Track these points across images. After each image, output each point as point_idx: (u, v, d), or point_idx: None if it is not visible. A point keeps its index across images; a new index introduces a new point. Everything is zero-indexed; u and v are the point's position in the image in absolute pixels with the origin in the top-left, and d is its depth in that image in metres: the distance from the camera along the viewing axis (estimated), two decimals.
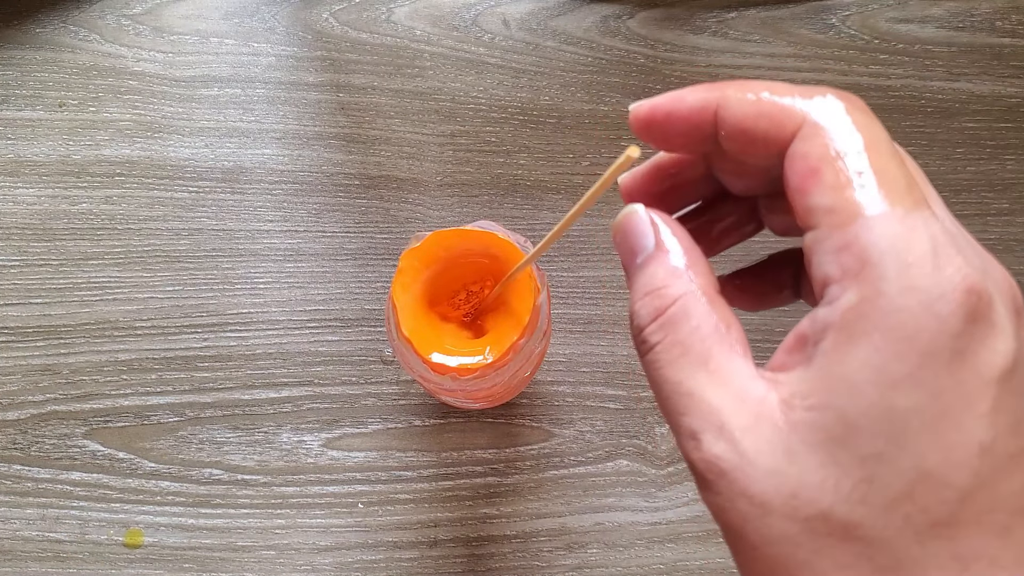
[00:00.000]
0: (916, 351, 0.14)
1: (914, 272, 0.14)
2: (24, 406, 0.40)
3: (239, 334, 0.41)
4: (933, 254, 0.14)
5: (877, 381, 0.14)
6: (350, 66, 0.45)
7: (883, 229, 0.14)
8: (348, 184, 0.43)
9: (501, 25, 0.46)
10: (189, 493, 0.39)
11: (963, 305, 0.14)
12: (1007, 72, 0.46)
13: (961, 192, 0.44)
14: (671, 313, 0.17)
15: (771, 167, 0.17)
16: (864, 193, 0.15)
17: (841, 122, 0.16)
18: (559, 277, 0.42)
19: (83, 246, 0.42)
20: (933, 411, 0.14)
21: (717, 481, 0.15)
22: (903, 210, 0.14)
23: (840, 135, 0.15)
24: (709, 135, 0.18)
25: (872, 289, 0.14)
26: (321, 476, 0.39)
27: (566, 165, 0.44)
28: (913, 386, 0.14)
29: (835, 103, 0.16)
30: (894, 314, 0.14)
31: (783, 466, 0.14)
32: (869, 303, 0.14)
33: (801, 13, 0.46)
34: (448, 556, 0.39)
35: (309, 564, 0.38)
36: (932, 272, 0.14)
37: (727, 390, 0.15)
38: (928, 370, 0.14)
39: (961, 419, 0.14)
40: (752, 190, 0.20)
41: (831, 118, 0.16)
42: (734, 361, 0.16)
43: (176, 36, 0.45)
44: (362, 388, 0.41)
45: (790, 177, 0.16)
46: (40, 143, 0.44)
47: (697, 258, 0.17)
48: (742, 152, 0.17)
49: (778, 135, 0.16)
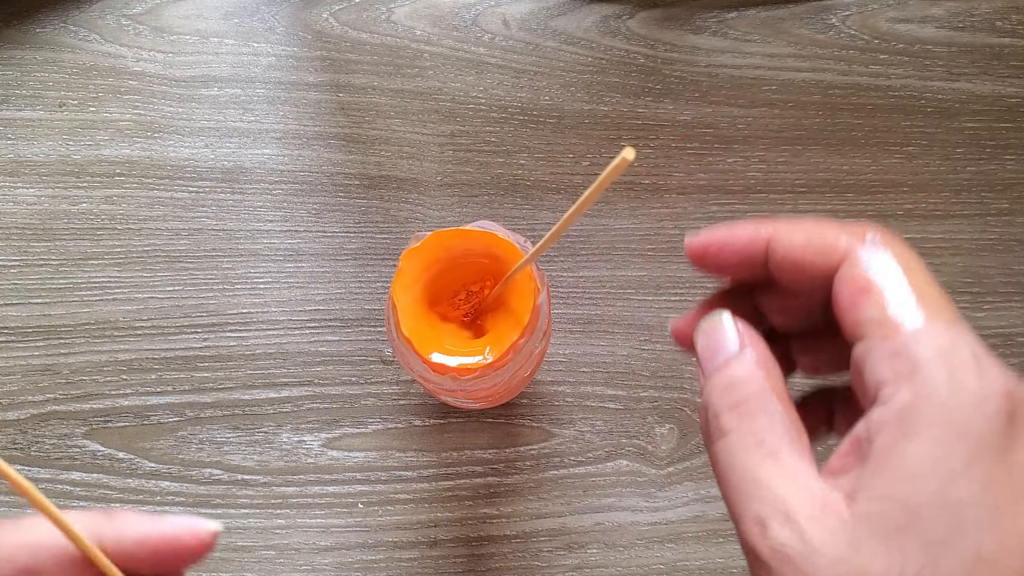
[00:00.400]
0: (969, 446, 0.15)
1: (961, 376, 0.16)
2: (24, 406, 0.40)
3: (239, 334, 0.41)
4: (975, 361, 0.16)
5: (936, 472, 0.15)
6: (350, 66, 0.45)
7: (929, 339, 0.16)
8: (348, 184, 0.43)
9: (501, 25, 0.46)
10: (189, 493, 0.39)
11: (1005, 407, 0.15)
12: (1007, 72, 0.46)
13: (961, 192, 0.44)
14: (750, 405, 0.18)
15: (813, 304, 0.20)
16: (908, 309, 0.17)
17: (883, 251, 0.18)
18: (559, 277, 0.42)
19: (83, 246, 0.42)
20: (988, 500, 0.15)
21: (781, 568, 0.16)
22: (944, 324, 0.16)
23: (883, 262, 0.18)
24: (759, 264, 0.20)
25: (925, 389, 0.16)
26: (321, 476, 0.39)
27: (566, 165, 0.44)
28: (969, 477, 0.15)
29: (876, 235, 0.18)
30: (947, 412, 0.15)
31: (848, 555, 0.15)
32: (923, 401, 0.16)
33: (801, 13, 0.46)
34: (448, 556, 0.39)
35: (309, 564, 0.38)
36: (977, 377, 0.16)
37: (795, 483, 0.17)
38: (980, 463, 0.15)
39: (1014, 508, 0.15)
40: (791, 326, 0.22)
41: (873, 247, 0.18)
42: (803, 460, 0.17)
43: (176, 36, 0.45)
44: (362, 388, 0.41)
45: (840, 296, 0.18)
46: (40, 143, 0.44)
47: (774, 367, 0.19)
48: (791, 280, 0.20)
49: (825, 263, 0.19)
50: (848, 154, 0.44)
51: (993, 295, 0.43)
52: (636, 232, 0.43)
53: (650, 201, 0.44)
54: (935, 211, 0.44)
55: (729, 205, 0.44)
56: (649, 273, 0.43)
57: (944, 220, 0.44)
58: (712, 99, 0.45)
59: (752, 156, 0.44)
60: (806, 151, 0.44)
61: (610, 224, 0.43)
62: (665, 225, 0.43)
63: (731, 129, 0.45)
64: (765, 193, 0.44)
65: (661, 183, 0.44)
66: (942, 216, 0.44)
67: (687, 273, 0.43)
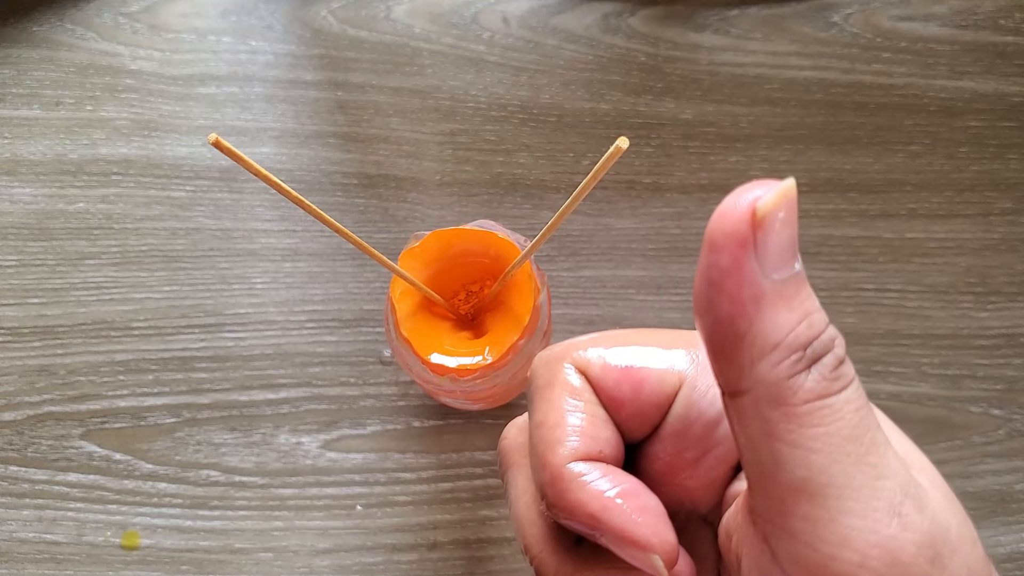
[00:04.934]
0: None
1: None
2: (20, 407, 0.40)
3: (236, 334, 0.41)
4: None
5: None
6: (348, 64, 0.45)
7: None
8: (346, 183, 0.43)
9: (501, 23, 0.46)
10: (186, 495, 0.39)
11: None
12: (1010, 71, 0.46)
13: (964, 191, 0.44)
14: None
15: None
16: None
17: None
18: (559, 277, 0.42)
19: (80, 246, 0.42)
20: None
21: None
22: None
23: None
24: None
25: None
26: (319, 478, 0.39)
27: (566, 164, 0.44)
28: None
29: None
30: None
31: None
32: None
33: (803, 11, 0.46)
34: (447, 558, 0.38)
35: (307, 566, 0.38)
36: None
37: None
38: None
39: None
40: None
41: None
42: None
43: (173, 34, 0.45)
44: (360, 389, 0.40)
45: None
46: (37, 142, 0.43)
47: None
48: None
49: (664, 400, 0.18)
50: (851, 153, 0.44)
51: (997, 295, 0.42)
52: (637, 232, 0.43)
53: (651, 200, 0.43)
54: (938, 210, 0.43)
55: None
56: (650, 273, 0.42)
57: (947, 219, 0.43)
58: (714, 97, 0.45)
59: (754, 155, 0.44)
60: (808, 150, 0.44)
61: (611, 224, 0.43)
62: (667, 225, 0.43)
63: (733, 128, 0.44)
64: None
65: (663, 182, 0.43)
66: (945, 215, 0.43)
67: (688, 273, 0.42)
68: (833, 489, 0.13)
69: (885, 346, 0.41)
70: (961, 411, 0.41)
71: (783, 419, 0.13)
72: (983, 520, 0.39)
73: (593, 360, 0.18)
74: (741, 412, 0.14)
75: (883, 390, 0.41)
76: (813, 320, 0.13)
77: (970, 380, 0.41)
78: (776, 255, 0.13)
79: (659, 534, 0.16)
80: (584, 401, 0.18)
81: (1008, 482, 0.40)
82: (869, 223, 0.43)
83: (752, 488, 0.15)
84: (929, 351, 0.41)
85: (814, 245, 0.43)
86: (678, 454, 0.18)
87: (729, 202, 0.13)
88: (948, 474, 0.16)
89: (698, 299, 0.13)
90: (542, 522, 0.18)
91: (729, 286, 0.13)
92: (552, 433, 0.17)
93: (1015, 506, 0.39)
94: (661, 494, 0.18)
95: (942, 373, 0.41)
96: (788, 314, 0.13)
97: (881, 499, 0.13)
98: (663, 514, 0.16)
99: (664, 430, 0.18)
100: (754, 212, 0.13)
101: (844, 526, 0.13)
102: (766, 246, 0.13)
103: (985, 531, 0.39)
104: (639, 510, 0.16)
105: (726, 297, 0.13)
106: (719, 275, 0.13)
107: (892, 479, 0.13)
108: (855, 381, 0.14)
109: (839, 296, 0.42)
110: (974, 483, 0.40)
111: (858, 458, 0.13)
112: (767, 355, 0.13)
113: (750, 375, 0.13)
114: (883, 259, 0.43)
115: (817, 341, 0.13)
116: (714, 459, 0.17)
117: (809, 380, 0.13)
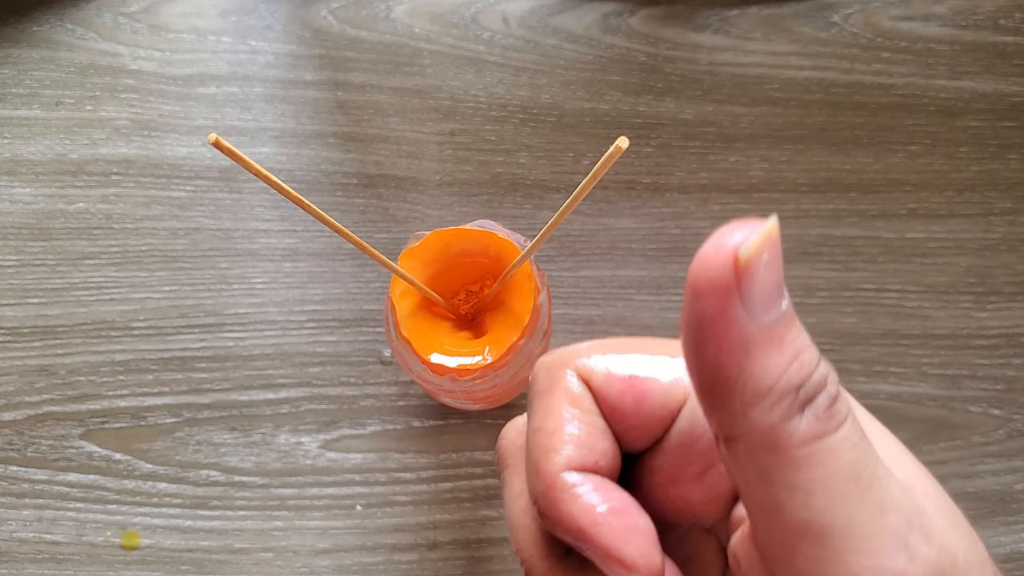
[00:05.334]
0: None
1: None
2: (20, 407, 0.40)
3: (236, 334, 0.41)
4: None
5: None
6: (348, 64, 0.45)
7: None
8: (346, 183, 0.43)
9: (501, 23, 0.46)
10: (186, 495, 0.39)
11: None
12: (1010, 71, 0.46)
13: (964, 191, 0.44)
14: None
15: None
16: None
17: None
18: (559, 277, 0.42)
19: (80, 246, 0.42)
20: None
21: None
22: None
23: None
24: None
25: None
26: (319, 478, 0.39)
27: (566, 164, 0.44)
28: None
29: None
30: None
31: None
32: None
33: (803, 11, 0.46)
34: (447, 558, 0.38)
35: (307, 566, 0.38)
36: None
37: None
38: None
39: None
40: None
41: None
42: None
43: (173, 34, 0.45)
44: (360, 389, 0.40)
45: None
46: (37, 142, 0.43)
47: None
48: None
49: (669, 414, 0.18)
50: (851, 153, 0.44)
51: (997, 295, 0.42)
52: (637, 232, 0.43)
53: (651, 200, 0.43)
54: (938, 210, 0.43)
55: (731, 204, 0.43)
56: (650, 273, 0.42)
57: (947, 219, 0.43)
58: (714, 97, 0.45)
59: (754, 155, 0.44)
60: (808, 150, 0.44)
61: (611, 224, 0.43)
62: (667, 225, 0.43)
63: (733, 128, 0.44)
64: (767, 192, 0.43)
65: (663, 182, 0.43)
66: (945, 215, 0.43)
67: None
68: (837, 529, 0.13)
69: (885, 346, 0.41)
70: (961, 411, 0.41)
71: (780, 464, 0.13)
72: (983, 520, 0.39)
73: (597, 368, 0.18)
74: (736, 457, 0.14)
75: (883, 390, 0.41)
76: (804, 360, 0.13)
77: (970, 380, 0.41)
78: (762, 300, 0.12)
79: (645, 555, 0.15)
80: (583, 410, 0.17)
81: (1008, 482, 0.40)
82: (869, 223, 0.43)
83: (755, 526, 0.14)
84: (929, 351, 0.41)
85: (814, 245, 0.43)
86: (681, 467, 0.17)
87: (710, 247, 0.12)
88: (948, 474, 0.16)
89: (685, 344, 0.13)
90: (535, 527, 0.18)
91: (715, 333, 0.13)
92: (548, 440, 0.17)
93: (1015, 506, 0.39)
94: (662, 505, 0.17)
95: (942, 373, 0.41)
96: (779, 356, 0.13)
97: (887, 534, 0.13)
98: (652, 535, 0.16)
99: (667, 443, 0.17)
100: (736, 258, 0.12)
101: (852, 564, 0.13)
102: (751, 292, 0.12)
103: (985, 531, 0.39)
104: (628, 528, 0.16)
105: (712, 345, 0.13)
106: (705, 323, 0.13)
107: (896, 513, 0.13)
108: (850, 417, 0.14)
109: (839, 296, 0.42)
110: (974, 483, 0.40)
111: (860, 495, 0.13)
112: (759, 401, 0.13)
113: (743, 421, 0.13)
114: (883, 259, 0.43)
115: (809, 382, 0.13)
116: (718, 474, 0.17)
117: (804, 423, 0.13)
